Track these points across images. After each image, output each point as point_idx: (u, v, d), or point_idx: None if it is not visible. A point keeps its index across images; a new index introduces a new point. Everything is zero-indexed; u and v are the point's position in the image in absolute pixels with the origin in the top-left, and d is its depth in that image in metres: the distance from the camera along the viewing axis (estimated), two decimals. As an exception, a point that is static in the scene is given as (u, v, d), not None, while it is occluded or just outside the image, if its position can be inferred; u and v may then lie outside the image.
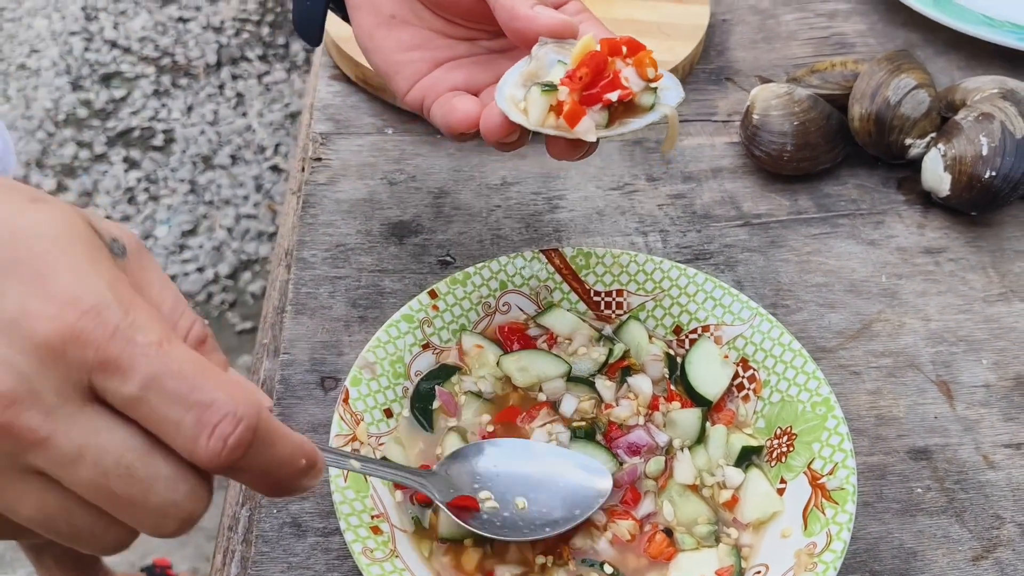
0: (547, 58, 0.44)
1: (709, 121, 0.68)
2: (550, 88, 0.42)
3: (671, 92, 0.44)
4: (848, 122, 0.62)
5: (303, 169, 0.64)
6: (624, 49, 0.43)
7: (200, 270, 1.81)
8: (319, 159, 0.64)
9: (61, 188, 1.92)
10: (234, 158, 2.01)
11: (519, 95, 0.43)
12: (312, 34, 0.54)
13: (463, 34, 0.51)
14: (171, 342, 0.28)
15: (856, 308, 0.55)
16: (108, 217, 1.86)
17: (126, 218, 1.88)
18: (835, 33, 0.75)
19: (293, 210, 0.63)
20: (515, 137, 0.45)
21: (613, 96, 0.42)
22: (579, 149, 0.45)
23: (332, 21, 0.56)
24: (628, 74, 0.43)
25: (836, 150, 0.63)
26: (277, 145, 2.04)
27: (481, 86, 0.49)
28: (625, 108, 0.43)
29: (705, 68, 0.72)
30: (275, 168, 1.99)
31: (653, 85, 0.43)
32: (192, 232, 1.87)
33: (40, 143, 2.01)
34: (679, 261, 0.58)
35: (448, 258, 0.58)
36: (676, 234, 0.60)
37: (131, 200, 1.91)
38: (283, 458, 0.29)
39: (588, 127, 0.42)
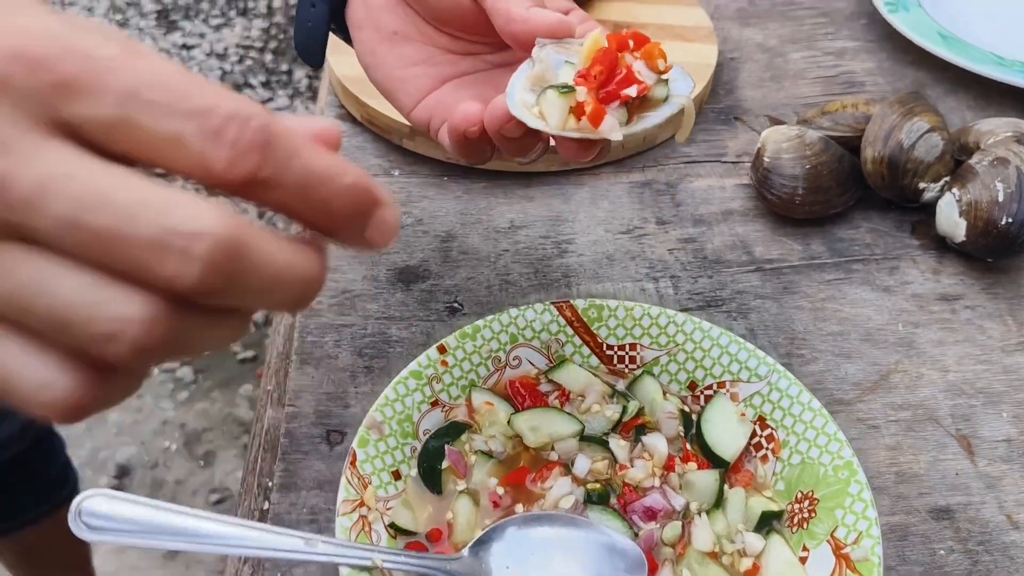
0: (551, 59, 0.43)
1: (719, 162, 0.67)
2: (567, 89, 0.41)
3: (681, 82, 0.43)
4: (861, 165, 0.62)
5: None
6: (631, 43, 0.42)
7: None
8: (324, 202, 0.63)
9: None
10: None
11: (530, 99, 0.42)
12: (314, 56, 0.54)
13: (466, 49, 0.50)
14: (139, 54, 0.23)
15: (873, 358, 0.54)
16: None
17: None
18: (844, 72, 0.75)
19: (298, 255, 0.62)
20: (521, 131, 0.44)
21: (632, 91, 0.41)
22: (593, 149, 0.44)
23: (334, 49, 0.55)
24: (639, 68, 0.42)
25: (848, 193, 0.62)
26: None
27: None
28: (639, 102, 0.42)
29: (714, 107, 0.72)
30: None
31: (664, 77, 0.43)
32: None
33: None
34: (691, 308, 0.57)
35: (456, 305, 0.57)
36: (687, 280, 0.59)
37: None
38: (320, 171, 0.25)
39: (612, 125, 0.41)
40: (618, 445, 0.44)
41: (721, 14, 0.80)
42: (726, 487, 0.43)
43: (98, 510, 0.32)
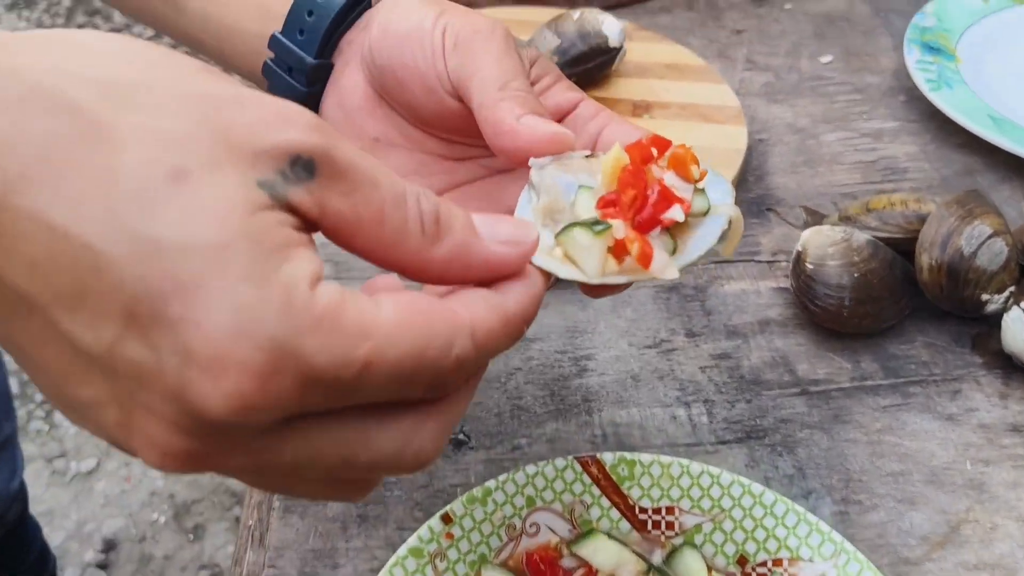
0: (558, 184, 0.36)
1: (752, 261, 0.61)
2: (602, 227, 0.33)
3: (717, 187, 0.36)
4: (915, 273, 0.55)
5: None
6: (654, 151, 0.36)
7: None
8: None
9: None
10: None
11: (548, 240, 0.35)
12: None
13: (461, 153, 0.43)
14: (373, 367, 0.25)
15: (940, 504, 0.47)
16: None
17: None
18: (884, 156, 0.69)
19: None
20: (547, 284, 0.37)
21: (677, 215, 0.34)
22: (623, 287, 0.36)
23: None
24: (670, 180, 0.35)
25: (902, 303, 0.55)
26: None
27: None
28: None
29: (744, 197, 0.65)
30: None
31: (700, 186, 0.36)
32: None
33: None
34: (729, 439, 0.50)
35: (462, 436, 0.50)
36: (723, 405, 0.52)
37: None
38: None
39: (665, 262, 0.34)
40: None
41: (746, 90, 0.74)
42: None
43: None
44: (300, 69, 0.43)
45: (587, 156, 0.37)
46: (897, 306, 0.55)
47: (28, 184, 0.23)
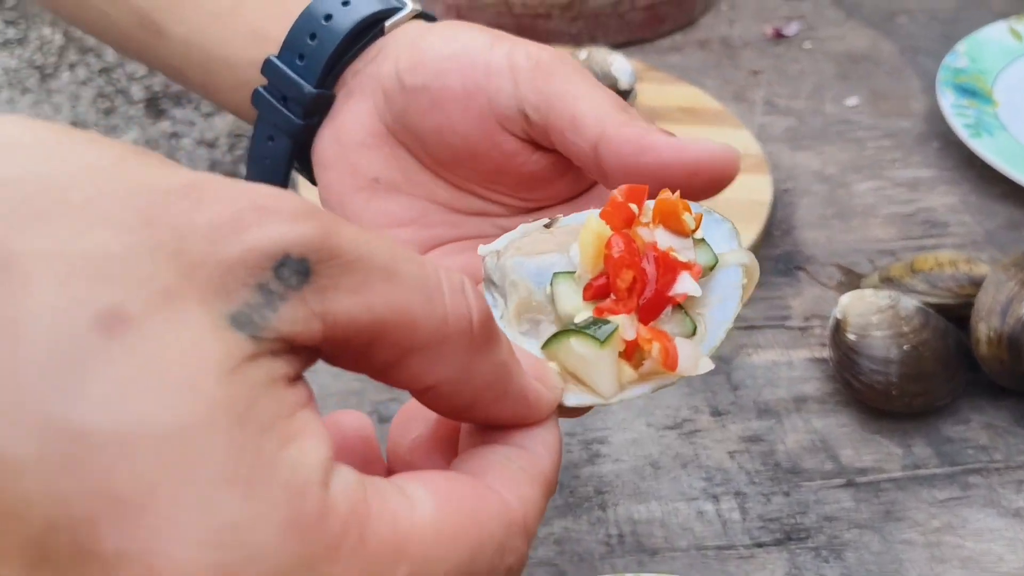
0: (524, 274, 0.29)
1: (782, 327, 0.54)
2: (605, 331, 0.26)
3: (716, 229, 0.30)
4: (971, 344, 0.49)
5: (269, 402, 0.50)
6: (633, 207, 0.28)
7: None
8: (291, 386, 0.50)
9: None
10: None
11: (528, 348, 0.27)
12: None
13: (471, 206, 0.37)
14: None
15: (1016, 623, 0.40)
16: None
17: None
18: (921, 208, 0.62)
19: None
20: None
21: (690, 287, 0.27)
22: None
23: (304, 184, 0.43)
24: (664, 241, 0.28)
25: (956, 379, 0.49)
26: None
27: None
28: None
29: (770, 254, 0.59)
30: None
31: (698, 236, 0.29)
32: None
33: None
34: (766, 541, 0.43)
35: (456, 537, 0.43)
36: (757, 499, 0.46)
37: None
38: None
39: (693, 354, 0.27)
40: None
41: (767, 136, 0.68)
42: None
43: None
44: (297, 99, 0.37)
45: (545, 225, 0.30)
46: (951, 383, 0.49)
47: None
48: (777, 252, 0.59)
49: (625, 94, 0.64)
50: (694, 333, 0.28)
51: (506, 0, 0.74)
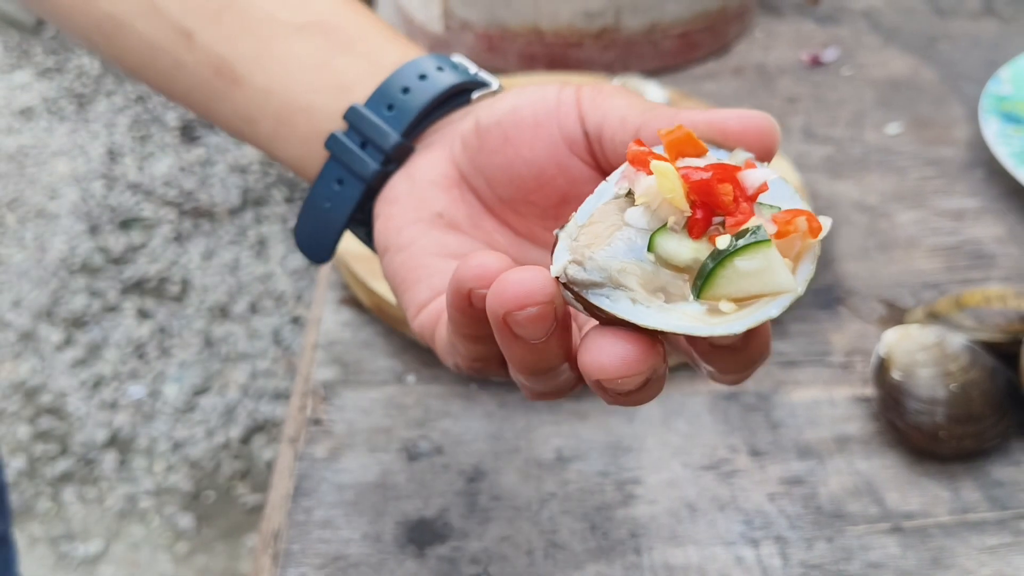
0: (619, 257, 0.27)
1: (823, 364, 0.53)
2: (764, 232, 0.26)
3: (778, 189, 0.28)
4: (1021, 384, 0.47)
5: (298, 438, 0.49)
6: (660, 150, 0.29)
7: (209, 434, 1.66)
8: (319, 422, 0.49)
9: (69, 341, 1.81)
10: (253, 307, 1.89)
11: (694, 308, 0.27)
12: (322, 248, 0.41)
13: (529, 257, 0.37)
14: None
15: None
16: (115, 375, 1.74)
17: (135, 375, 1.75)
18: (967, 240, 0.61)
19: (283, 495, 0.48)
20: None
21: (761, 174, 0.28)
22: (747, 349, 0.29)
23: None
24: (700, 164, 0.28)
25: (1006, 420, 0.47)
26: (300, 295, 1.92)
27: None
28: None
29: (809, 287, 0.57)
30: (295, 320, 1.87)
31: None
32: (203, 391, 1.73)
33: (52, 292, 1.90)
34: (807, 590, 0.42)
35: (486, 581, 0.42)
36: (799, 544, 0.44)
37: (141, 355, 1.78)
38: None
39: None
40: None
41: (805, 164, 0.67)
42: None
43: None
44: (379, 145, 0.38)
45: (579, 226, 0.29)
46: (1001, 423, 0.47)
47: None
48: (817, 285, 0.58)
49: (659, 123, 0.62)
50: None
51: (537, 29, 0.73)
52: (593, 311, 0.27)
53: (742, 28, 0.80)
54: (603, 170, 0.35)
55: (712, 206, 0.27)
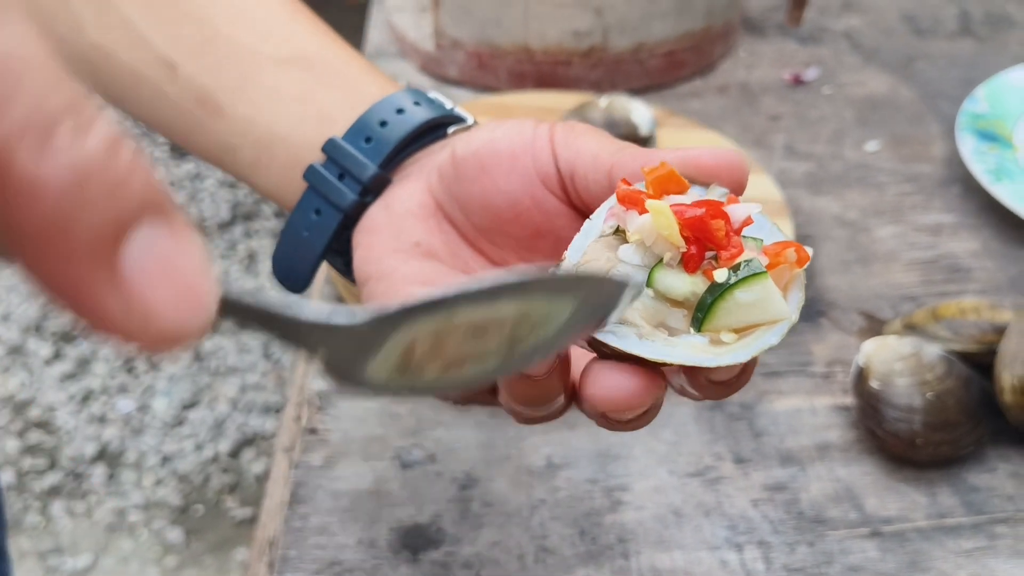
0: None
1: (804, 374, 0.54)
2: (757, 263, 0.28)
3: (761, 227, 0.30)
4: (995, 393, 0.48)
5: (293, 447, 0.51)
6: (642, 187, 0.30)
7: (198, 447, 1.66)
8: (314, 431, 0.51)
9: (58, 355, 1.81)
10: (243, 321, 1.89)
11: (698, 340, 0.28)
12: (298, 278, 0.41)
13: None
14: None
15: None
16: (104, 389, 1.74)
17: (123, 389, 1.75)
18: (943, 254, 0.62)
19: (279, 503, 0.49)
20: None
21: (746, 208, 0.29)
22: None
23: None
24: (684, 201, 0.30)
25: (981, 427, 0.48)
26: (288, 309, 1.92)
27: None
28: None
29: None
30: (285, 333, 1.87)
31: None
32: (192, 405, 1.74)
33: (41, 306, 1.90)
34: (789, 592, 0.43)
35: (478, 585, 0.43)
36: (781, 548, 0.45)
37: (130, 370, 1.79)
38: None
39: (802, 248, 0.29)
40: None
41: (787, 180, 0.69)
42: None
43: None
44: (357, 176, 0.39)
45: (575, 264, 0.30)
46: (976, 431, 0.48)
47: None
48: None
49: (645, 141, 0.64)
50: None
51: (527, 47, 0.75)
52: (599, 347, 0.29)
53: (726, 48, 0.82)
54: (575, 206, 0.36)
55: (705, 241, 0.28)
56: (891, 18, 0.87)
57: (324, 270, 0.59)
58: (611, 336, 0.28)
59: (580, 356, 0.31)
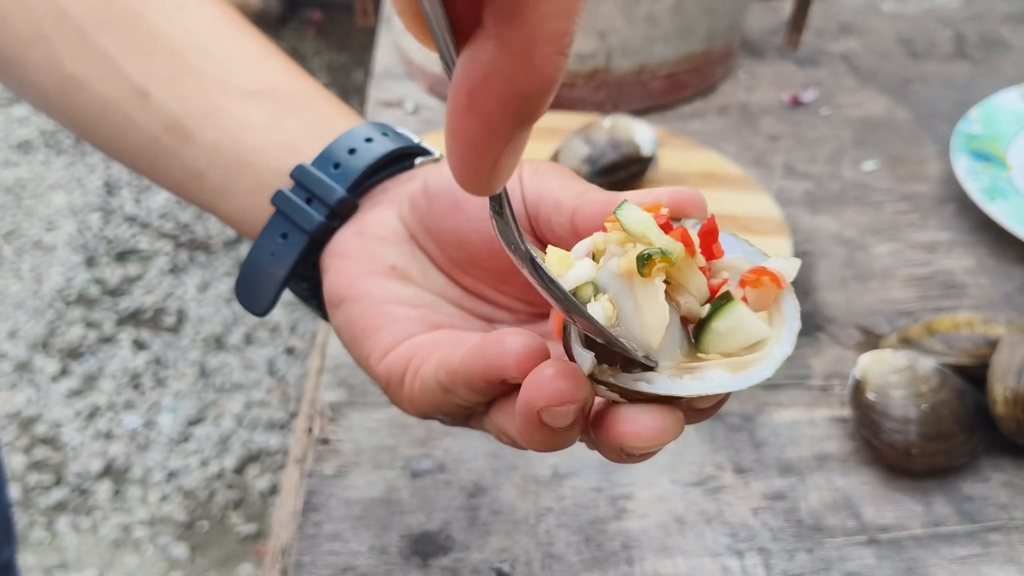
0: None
1: (803, 387, 0.56)
2: (727, 294, 0.28)
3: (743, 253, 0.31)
4: (988, 404, 0.50)
5: (305, 457, 0.52)
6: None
7: (204, 463, 1.67)
8: (327, 441, 0.52)
9: (65, 372, 1.82)
10: (248, 338, 1.91)
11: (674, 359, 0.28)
12: (260, 299, 0.41)
13: (483, 312, 0.38)
14: None
15: None
16: (111, 405, 1.76)
17: (130, 405, 1.77)
18: (939, 271, 0.64)
19: (291, 512, 0.50)
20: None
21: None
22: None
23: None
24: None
25: (975, 438, 0.50)
26: (294, 326, 1.94)
27: None
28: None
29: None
30: (289, 350, 1.89)
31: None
32: (198, 421, 1.75)
33: (48, 323, 1.92)
34: (789, 598, 0.44)
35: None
36: (781, 555, 0.47)
37: (136, 386, 1.80)
38: None
39: (786, 264, 0.29)
40: None
41: (787, 199, 0.70)
42: None
43: None
44: (324, 200, 0.39)
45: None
46: (970, 442, 0.50)
47: None
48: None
49: (647, 161, 0.66)
50: None
51: (533, 69, 0.77)
52: (631, 396, 0.28)
53: (727, 70, 0.84)
54: (542, 245, 0.35)
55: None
56: (888, 41, 0.89)
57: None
58: (643, 384, 0.28)
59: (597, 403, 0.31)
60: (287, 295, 0.43)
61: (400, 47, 0.83)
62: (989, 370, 0.50)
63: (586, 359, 0.28)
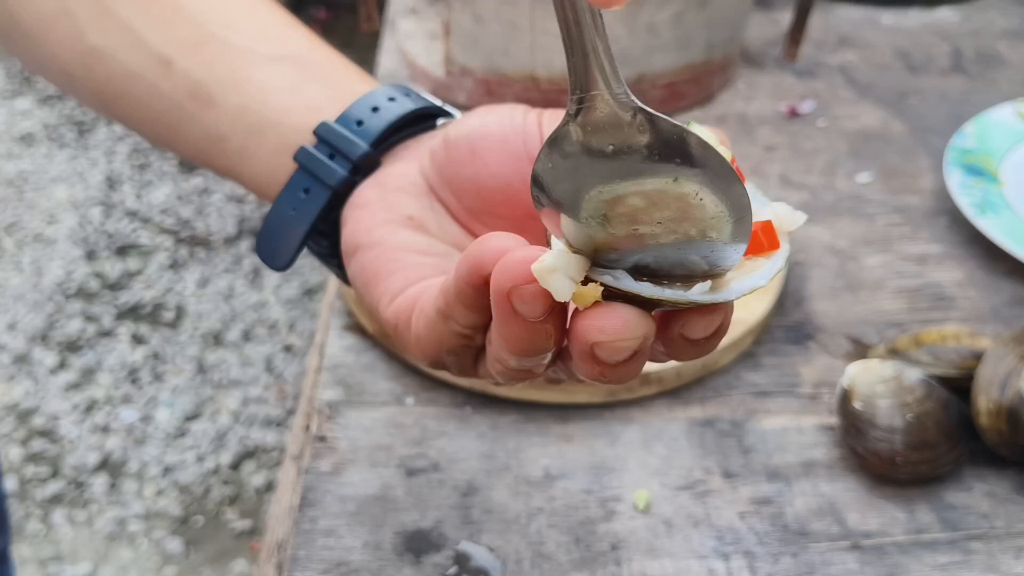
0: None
1: (792, 395, 0.57)
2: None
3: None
4: (972, 416, 0.51)
5: (302, 454, 0.53)
6: None
7: (200, 459, 1.68)
8: (324, 439, 0.53)
9: (63, 365, 1.83)
10: (246, 335, 1.92)
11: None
12: (281, 254, 0.42)
13: None
14: None
15: None
16: (108, 399, 1.76)
17: (127, 399, 1.78)
18: (929, 283, 0.65)
19: (287, 508, 0.51)
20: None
21: None
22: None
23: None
24: None
25: (959, 448, 0.51)
26: (292, 324, 1.95)
27: None
28: None
29: (781, 323, 0.62)
30: (288, 348, 1.90)
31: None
32: (195, 416, 1.76)
33: (48, 316, 1.93)
34: (773, 600, 0.45)
35: (477, 587, 0.46)
36: (766, 559, 0.48)
37: (134, 380, 1.81)
38: None
39: (789, 216, 0.32)
40: None
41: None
42: None
43: None
44: (347, 155, 0.40)
45: None
46: (954, 451, 0.51)
47: None
48: (789, 322, 0.62)
49: (645, 168, 0.67)
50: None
51: (533, 76, 0.78)
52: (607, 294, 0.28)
53: (725, 80, 0.85)
54: None
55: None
56: (885, 54, 0.90)
57: (336, 284, 0.62)
58: (608, 278, 0.28)
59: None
60: (300, 278, 0.44)
61: (404, 51, 0.84)
62: (974, 382, 0.51)
63: (558, 245, 0.28)
